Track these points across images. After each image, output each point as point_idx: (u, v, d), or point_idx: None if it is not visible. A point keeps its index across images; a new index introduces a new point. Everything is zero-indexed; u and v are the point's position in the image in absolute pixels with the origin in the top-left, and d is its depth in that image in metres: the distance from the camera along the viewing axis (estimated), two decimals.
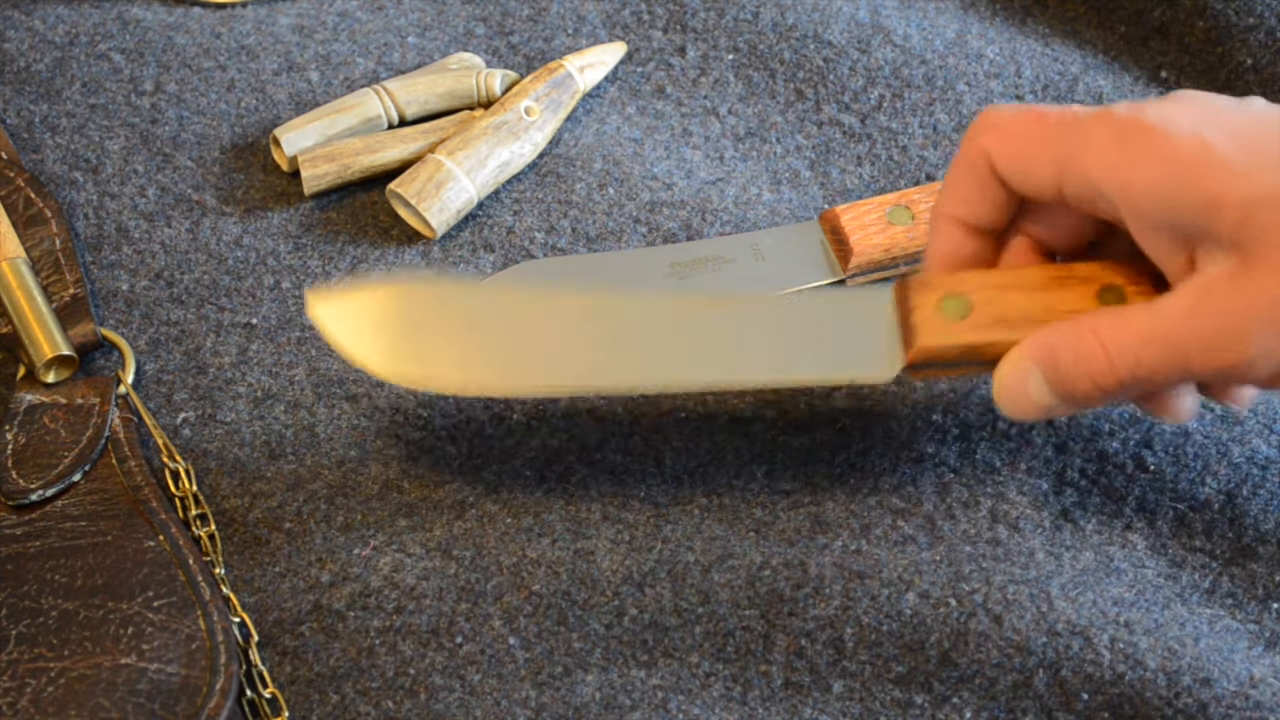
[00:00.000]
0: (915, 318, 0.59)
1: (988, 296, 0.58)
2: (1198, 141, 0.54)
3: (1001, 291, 0.59)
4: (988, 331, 0.58)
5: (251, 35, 0.81)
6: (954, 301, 0.59)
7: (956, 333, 0.58)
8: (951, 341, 0.58)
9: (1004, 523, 0.64)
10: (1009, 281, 0.59)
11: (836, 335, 0.60)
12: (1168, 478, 0.65)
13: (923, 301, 0.59)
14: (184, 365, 0.70)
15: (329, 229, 0.74)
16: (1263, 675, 0.59)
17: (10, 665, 0.59)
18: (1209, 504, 0.64)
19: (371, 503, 0.66)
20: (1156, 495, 0.64)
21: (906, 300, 0.59)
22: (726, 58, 0.80)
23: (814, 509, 0.65)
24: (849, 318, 0.60)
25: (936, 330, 0.58)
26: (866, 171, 0.77)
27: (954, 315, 0.58)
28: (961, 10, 0.82)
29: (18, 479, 0.64)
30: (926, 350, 0.58)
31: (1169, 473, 0.65)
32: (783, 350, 0.60)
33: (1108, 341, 0.56)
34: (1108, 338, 0.56)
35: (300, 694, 0.61)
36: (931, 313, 0.58)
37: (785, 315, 0.61)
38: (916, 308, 0.59)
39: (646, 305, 0.62)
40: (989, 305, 0.58)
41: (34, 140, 0.77)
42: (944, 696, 0.60)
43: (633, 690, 0.60)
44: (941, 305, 0.59)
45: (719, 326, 0.61)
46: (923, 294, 0.59)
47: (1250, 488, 0.64)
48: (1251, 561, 0.63)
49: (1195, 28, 0.79)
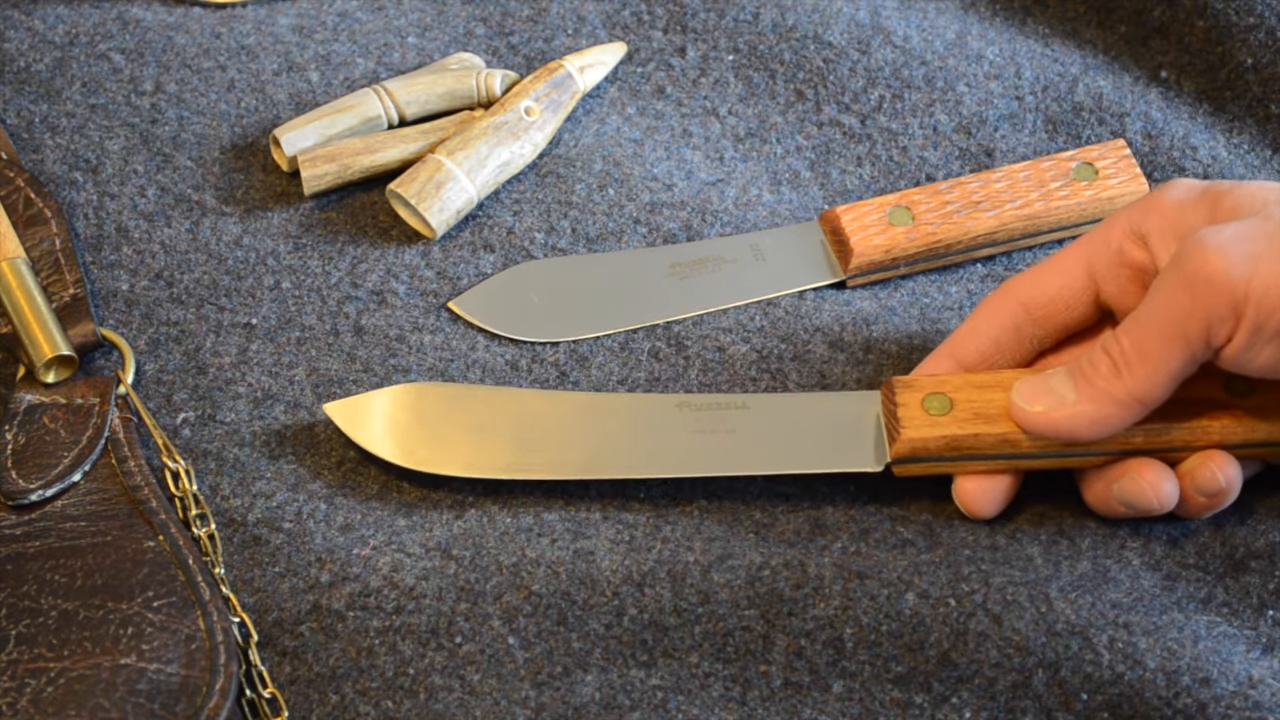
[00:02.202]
0: (900, 414, 0.63)
1: (969, 395, 0.63)
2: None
3: (981, 390, 0.64)
4: (968, 425, 0.63)
5: (251, 35, 0.81)
6: (937, 399, 0.63)
7: (939, 426, 0.63)
8: (934, 434, 0.63)
9: (1002, 532, 0.64)
10: (988, 382, 0.64)
11: (827, 431, 0.65)
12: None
13: (908, 400, 0.64)
14: (184, 365, 0.70)
15: (329, 229, 0.74)
16: (1262, 676, 0.59)
17: (10, 665, 0.59)
18: (1199, 531, 0.64)
19: (371, 503, 0.66)
20: (1150, 523, 0.65)
21: (893, 398, 0.64)
22: (727, 58, 0.80)
23: (813, 513, 0.65)
24: (839, 415, 0.65)
25: (920, 424, 0.63)
26: (867, 172, 0.77)
27: (937, 411, 0.63)
28: (961, 11, 0.82)
29: (17, 479, 0.64)
30: (911, 442, 0.63)
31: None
32: (775, 445, 0.65)
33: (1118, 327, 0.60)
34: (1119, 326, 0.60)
35: (300, 694, 0.61)
36: (916, 410, 0.63)
37: (778, 413, 0.66)
38: (902, 404, 0.63)
39: (644, 404, 0.67)
40: (970, 403, 0.63)
41: (34, 140, 0.77)
42: (943, 696, 0.60)
43: (632, 690, 0.60)
44: (925, 403, 0.63)
45: (714, 423, 0.66)
46: (908, 393, 0.64)
47: (1238, 516, 0.65)
48: (1245, 574, 0.63)
49: (1195, 28, 0.79)
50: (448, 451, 0.66)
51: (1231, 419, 0.62)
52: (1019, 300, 0.65)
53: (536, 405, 0.67)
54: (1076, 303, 0.65)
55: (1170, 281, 0.58)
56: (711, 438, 0.65)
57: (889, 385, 0.64)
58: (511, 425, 0.66)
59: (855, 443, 0.65)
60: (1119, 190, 0.73)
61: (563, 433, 0.66)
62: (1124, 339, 0.60)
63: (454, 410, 0.67)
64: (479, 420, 0.66)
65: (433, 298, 0.72)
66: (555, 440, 0.66)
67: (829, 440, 0.65)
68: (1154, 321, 0.59)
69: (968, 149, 0.77)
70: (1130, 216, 0.63)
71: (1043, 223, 0.73)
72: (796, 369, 0.70)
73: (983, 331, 0.65)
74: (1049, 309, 0.65)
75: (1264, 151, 0.77)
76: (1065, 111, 0.78)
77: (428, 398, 0.67)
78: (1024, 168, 0.74)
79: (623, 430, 0.66)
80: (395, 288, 0.72)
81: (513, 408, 0.67)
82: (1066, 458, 0.64)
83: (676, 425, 0.66)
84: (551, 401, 0.67)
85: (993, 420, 0.63)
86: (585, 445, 0.66)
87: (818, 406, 0.66)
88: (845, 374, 0.69)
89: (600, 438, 0.66)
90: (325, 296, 0.72)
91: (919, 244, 0.72)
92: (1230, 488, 0.62)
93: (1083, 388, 0.60)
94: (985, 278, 0.73)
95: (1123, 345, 0.59)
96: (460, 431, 0.66)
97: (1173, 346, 0.58)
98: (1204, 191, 0.62)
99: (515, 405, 0.67)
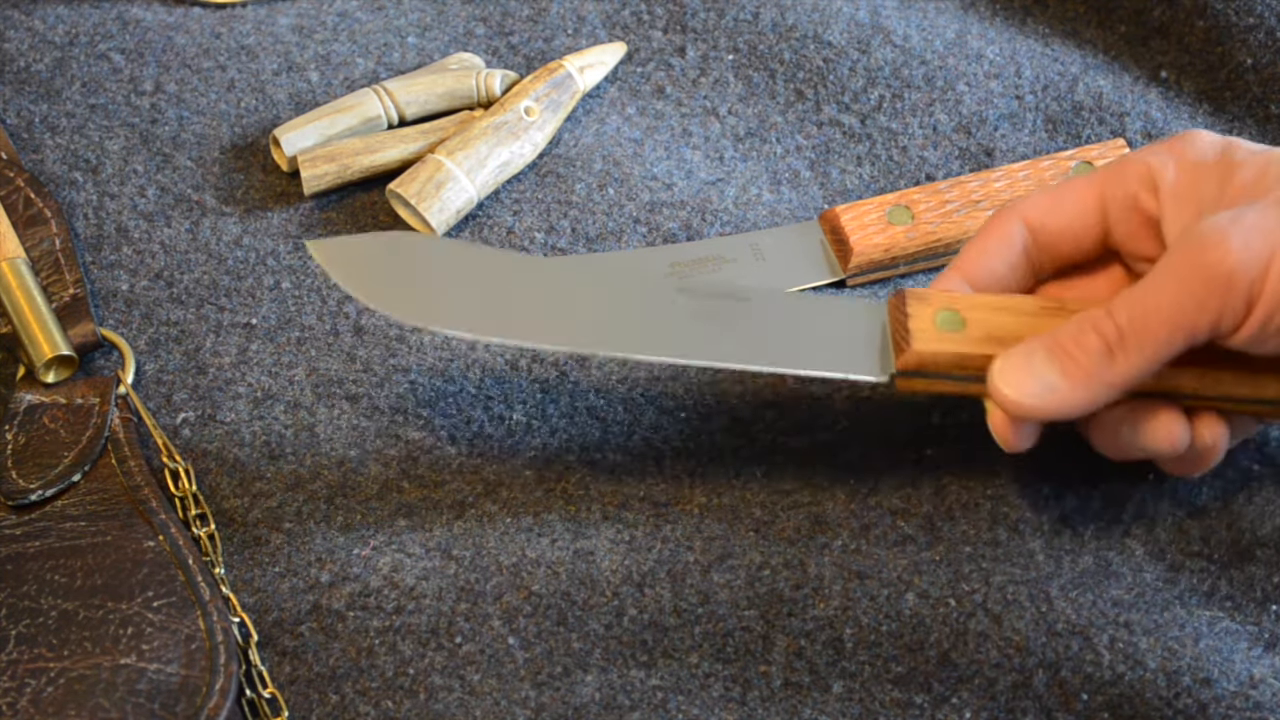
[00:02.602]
0: (911, 325, 0.61)
1: (982, 315, 0.61)
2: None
3: (995, 312, 0.61)
4: (979, 345, 0.60)
5: (251, 35, 0.81)
6: (949, 315, 0.61)
7: (949, 342, 0.60)
8: (944, 349, 0.60)
9: (1003, 525, 0.64)
10: (1003, 304, 0.62)
11: (833, 334, 0.62)
12: (1166, 485, 0.65)
13: (919, 311, 0.61)
14: (184, 365, 0.70)
15: (329, 229, 0.74)
16: (1262, 675, 0.59)
17: (10, 665, 0.59)
18: (1206, 510, 0.64)
19: (371, 503, 0.66)
20: (1155, 501, 0.64)
21: (903, 309, 0.61)
22: (726, 58, 0.80)
23: (814, 509, 0.65)
24: (846, 319, 0.62)
25: (930, 339, 0.60)
26: (866, 172, 0.77)
27: (948, 327, 0.61)
28: (961, 10, 0.82)
29: (17, 479, 0.64)
30: (919, 355, 0.60)
31: (1167, 480, 0.65)
32: (778, 342, 0.62)
33: (1109, 304, 0.58)
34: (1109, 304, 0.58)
35: (300, 694, 0.61)
36: (926, 323, 0.61)
37: (784, 310, 0.63)
38: (913, 316, 0.61)
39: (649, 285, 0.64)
40: (982, 323, 0.61)
41: (34, 140, 0.77)
42: (943, 696, 0.60)
43: (632, 690, 0.60)
44: (936, 317, 0.61)
45: (718, 312, 0.62)
46: (919, 305, 0.61)
47: (1246, 495, 0.64)
48: (1249, 564, 0.63)
49: (1195, 28, 0.79)
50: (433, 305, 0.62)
51: (1244, 372, 0.60)
52: (1029, 225, 0.64)
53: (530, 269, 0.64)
54: (1085, 239, 0.64)
55: (1181, 269, 0.57)
56: (709, 325, 0.62)
57: (900, 295, 0.62)
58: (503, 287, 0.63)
59: (860, 350, 0.62)
60: None
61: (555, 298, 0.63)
62: (1120, 318, 0.58)
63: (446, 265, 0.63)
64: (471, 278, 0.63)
65: None
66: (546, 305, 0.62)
67: (833, 344, 0.62)
68: (1161, 307, 0.57)
69: (967, 148, 0.77)
70: (1148, 162, 0.62)
71: None
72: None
73: (993, 252, 0.64)
74: (1058, 240, 0.64)
75: None
76: (1065, 111, 0.78)
77: (422, 249, 0.64)
78: (1024, 167, 0.74)
79: (617, 305, 0.63)
80: None
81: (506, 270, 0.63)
82: None
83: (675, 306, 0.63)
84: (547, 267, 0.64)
85: (1004, 343, 0.60)
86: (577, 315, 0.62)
87: (824, 309, 0.63)
88: None
89: (593, 310, 0.63)
90: (325, 296, 0.72)
91: (919, 243, 0.72)
92: (1217, 447, 0.62)
93: (1071, 370, 0.58)
94: None
95: (1119, 325, 0.58)
96: (450, 287, 0.63)
97: (1177, 333, 0.57)
98: (1220, 154, 0.61)
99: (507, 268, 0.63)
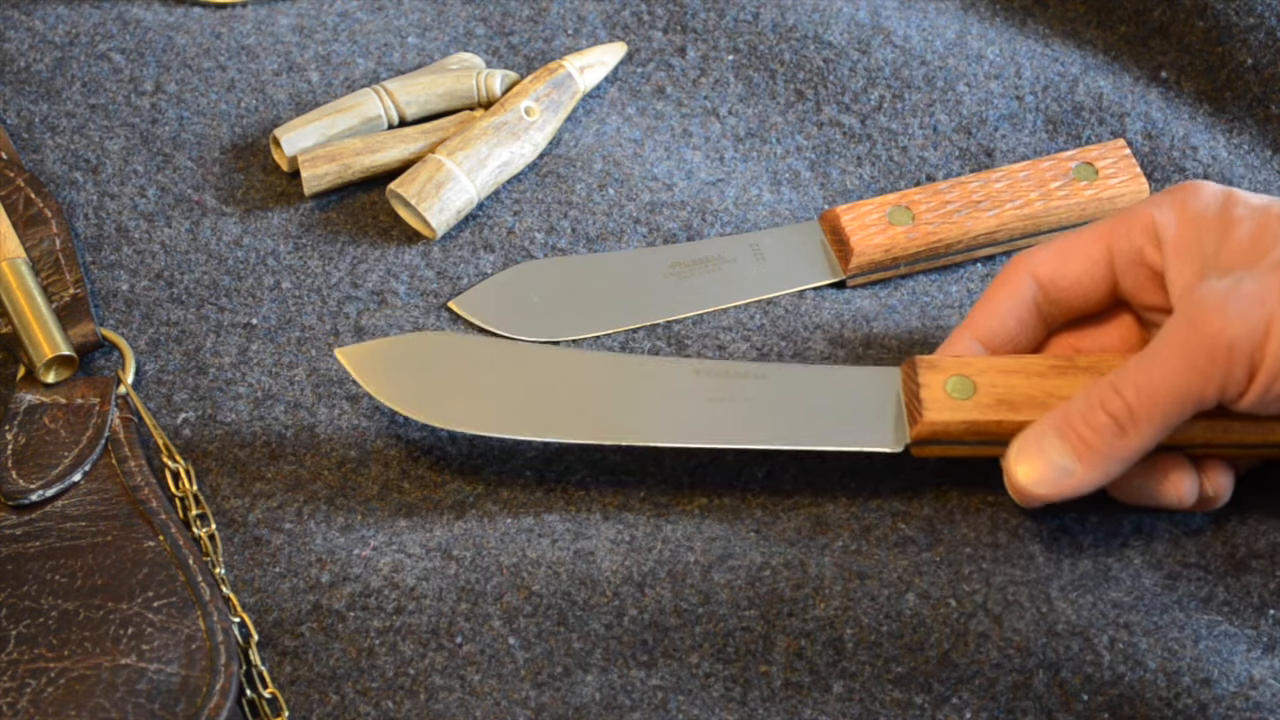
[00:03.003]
0: (923, 394, 0.62)
1: (992, 379, 0.62)
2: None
3: (1005, 375, 0.62)
4: (991, 411, 0.62)
5: (251, 35, 0.81)
6: (959, 381, 0.62)
7: (961, 410, 0.62)
8: (956, 419, 0.62)
9: (1003, 529, 0.64)
10: (1013, 367, 0.63)
11: (848, 406, 0.64)
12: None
13: (930, 380, 0.62)
14: (184, 365, 0.70)
15: (329, 229, 0.74)
16: (1262, 676, 0.59)
17: (10, 665, 0.59)
18: (1201, 530, 0.64)
19: (371, 503, 0.66)
20: (1152, 520, 0.65)
21: (915, 378, 0.63)
22: (727, 58, 0.80)
23: (814, 510, 0.65)
24: (860, 390, 0.64)
25: (942, 408, 0.62)
26: (867, 172, 0.77)
27: (959, 395, 0.62)
28: (961, 11, 0.82)
29: (18, 479, 0.64)
30: (932, 425, 0.62)
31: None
32: (795, 419, 0.64)
33: (1114, 379, 0.59)
34: (1113, 378, 0.59)
35: (300, 694, 0.61)
36: (938, 391, 0.62)
37: (800, 383, 0.64)
38: (924, 385, 0.62)
39: (660, 367, 0.65)
40: (993, 387, 0.62)
41: (34, 140, 0.77)
42: (944, 697, 0.60)
43: (633, 690, 0.60)
44: (947, 384, 0.62)
45: (731, 391, 0.64)
46: (930, 374, 0.62)
47: (1239, 516, 0.65)
48: (1246, 573, 0.63)
49: (1195, 28, 0.79)
50: (459, 406, 0.64)
51: (1253, 420, 0.61)
52: (1038, 280, 0.64)
53: (552, 364, 0.65)
54: (1095, 291, 0.64)
55: (1183, 341, 0.58)
56: (728, 406, 0.64)
57: (911, 364, 0.63)
58: (525, 382, 0.65)
59: (875, 421, 0.63)
60: (1119, 190, 0.73)
61: (578, 393, 0.64)
62: (1128, 394, 0.59)
63: (468, 363, 0.65)
64: (493, 375, 0.65)
65: (433, 298, 0.72)
66: (569, 400, 0.64)
67: (848, 417, 0.63)
68: (1166, 380, 0.58)
69: (968, 149, 0.77)
70: (1152, 216, 0.63)
71: (1043, 222, 0.73)
72: None
73: (1004, 311, 0.65)
74: (1068, 293, 0.64)
75: (1264, 151, 0.77)
76: (1065, 111, 0.78)
77: (443, 348, 0.66)
78: (1024, 168, 0.74)
79: (637, 394, 0.64)
80: (395, 288, 0.72)
81: (528, 365, 0.65)
82: None
83: (692, 391, 0.64)
84: (568, 361, 0.66)
85: (1016, 407, 0.62)
86: (600, 407, 0.64)
87: (838, 381, 0.64)
88: None
89: (615, 401, 0.64)
90: (325, 296, 0.72)
91: (919, 244, 0.72)
92: (1220, 496, 0.63)
93: (1084, 452, 0.59)
94: (985, 277, 0.73)
95: (1128, 402, 0.58)
96: (471, 386, 0.64)
97: (1184, 405, 0.58)
98: (1221, 207, 0.61)
99: (530, 362, 0.65)
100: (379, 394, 0.64)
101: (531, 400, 0.64)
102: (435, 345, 0.66)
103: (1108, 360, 0.63)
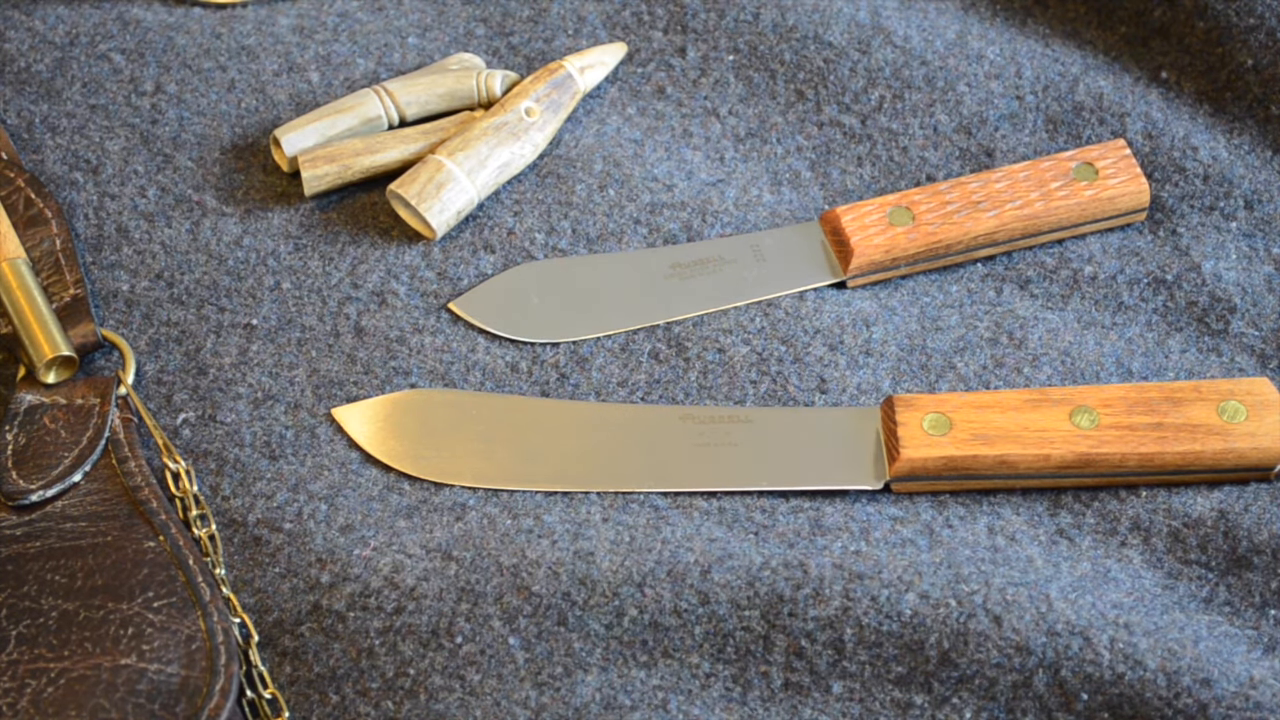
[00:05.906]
0: (900, 432, 0.64)
1: (968, 415, 0.65)
2: None
3: (980, 411, 0.65)
4: (966, 446, 0.64)
5: (252, 35, 0.81)
6: (937, 419, 0.64)
7: (938, 446, 0.64)
8: (934, 454, 0.64)
9: (1001, 535, 0.64)
10: (988, 402, 0.65)
11: (829, 446, 0.66)
12: (1160, 498, 0.65)
13: (907, 419, 0.65)
14: (184, 366, 0.70)
15: (329, 229, 0.74)
16: (1262, 676, 0.59)
17: (10, 666, 0.59)
18: (1202, 520, 0.64)
19: (372, 503, 0.66)
20: (1150, 515, 0.65)
21: (893, 417, 0.65)
22: (727, 59, 0.80)
23: (813, 513, 0.65)
24: (839, 431, 0.66)
25: (919, 444, 0.64)
26: (867, 172, 0.77)
27: (936, 431, 0.64)
28: (962, 11, 0.82)
29: (18, 479, 0.64)
30: (910, 462, 0.64)
31: (1162, 493, 0.65)
32: (778, 460, 0.66)
33: None
34: None
35: (300, 694, 0.61)
36: (915, 429, 0.64)
37: (780, 427, 0.67)
38: (902, 424, 0.64)
39: (647, 415, 0.67)
40: (969, 423, 0.64)
41: (34, 140, 0.77)
42: (944, 697, 0.60)
43: (633, 690, 0.60)
44: (924, 422, 0.64)
45: (716, 436, 0.66)
46: (908, 412, 0.65)
47: (1243, 504, 0.64)
48: (1247, 571, 0.63)
49: (1195, 28, 0.79)
50: (452, 460, 0.66)
51: (1223, 444, 0.64)
52: None
53: (541, 414, 0.67)
54: None
55: None
56: (714, 450, 0.66)
57: (889, 403, 0.65)
58: (516, 435, 0.67)
59: (855, 460, 0.65)
60: (1119, 190, 0.73)
61: (567, 443, 0.67)
62: None
63: (459, 418, 0.67)
64: (484, 429, 0.67)
65: (433, 298, 0.72)
66: (559, 451, 0.66)
67: (829, 456, 0.66)
68: None
69: (968, 149, 0.77)
70: None
71: (1043, 223, 0.73)
72: (796, 370, 0.70)
73: None
74: None
75: (1264, 152, 0.77)
76: (1065, 111, 0.78)
77: (433, 404, 0.68)
78: (1024, 168, 0.74)
79: (626, 441, 0.67)
80: (395, 288, 0.72)
81: (517, 417, 0.67)
82: (1062, 478, 0.65)
83: (679, 437, 0.66)
84: (556, 411, 0.68)
85: (991, 441, 0.64)
86: (589, 456, 0.66)
87: (819, 422, 0.67)
88: (845, 374, 0.69)
89: (604, 449, 0.66)
90: (325, 297, 0.72)
91: (919, 244, 0.72)
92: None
93: None
94: (985, 277, 0.74)
95: None
96: (465, 440, 0.67)
97: None
98: None
99: (520, 414, 0.68)
100: (376, 452, 0.67)
101: (524, 451, 0.66)
102: (426, 402, 0.68)
103: (1081, 393, 0.65)
